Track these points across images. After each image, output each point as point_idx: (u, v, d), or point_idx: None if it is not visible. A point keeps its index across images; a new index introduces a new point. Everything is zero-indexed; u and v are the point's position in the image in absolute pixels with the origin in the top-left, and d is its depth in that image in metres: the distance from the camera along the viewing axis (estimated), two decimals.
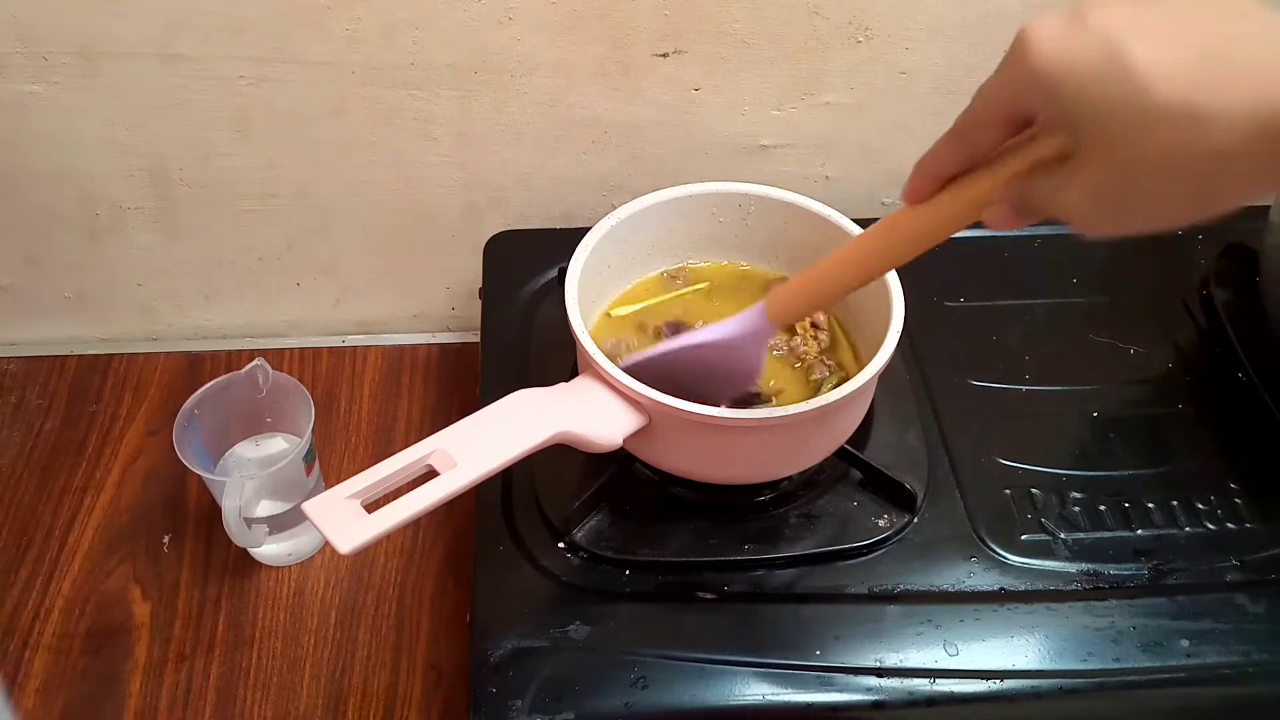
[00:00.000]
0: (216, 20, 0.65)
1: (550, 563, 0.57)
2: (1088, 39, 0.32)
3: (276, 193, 0.75)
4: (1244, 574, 0.57)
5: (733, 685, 0.52)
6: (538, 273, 0.72)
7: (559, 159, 0.76)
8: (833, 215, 0.61)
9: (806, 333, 0.63)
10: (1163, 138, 0.31)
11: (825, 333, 0.63)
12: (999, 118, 0.36)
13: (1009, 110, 0.36)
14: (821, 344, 0.63)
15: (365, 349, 0.82)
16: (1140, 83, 0.30)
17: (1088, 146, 0.33)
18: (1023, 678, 0.53)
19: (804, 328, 0.63)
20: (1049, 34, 0.33)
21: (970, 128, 0.37)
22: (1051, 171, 0.35)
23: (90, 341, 0.83)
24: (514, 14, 0.67)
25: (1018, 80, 0.34)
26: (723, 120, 0.75)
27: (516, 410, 0.52)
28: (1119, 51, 0.31)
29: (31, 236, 0.77)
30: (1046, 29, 0.33)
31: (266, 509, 0.65)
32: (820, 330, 0.63)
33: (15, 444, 0.75)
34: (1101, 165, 0.33)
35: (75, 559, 0.68)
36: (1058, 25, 0.32)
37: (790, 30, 0.70)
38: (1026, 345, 0.69)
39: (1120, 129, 0.31)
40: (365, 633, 0.65)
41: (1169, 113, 0.30)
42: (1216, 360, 0.69)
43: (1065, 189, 0.35)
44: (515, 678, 0.52)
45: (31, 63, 0.67)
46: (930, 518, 0.59)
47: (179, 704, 0.61)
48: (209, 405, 0.64)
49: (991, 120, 0.36)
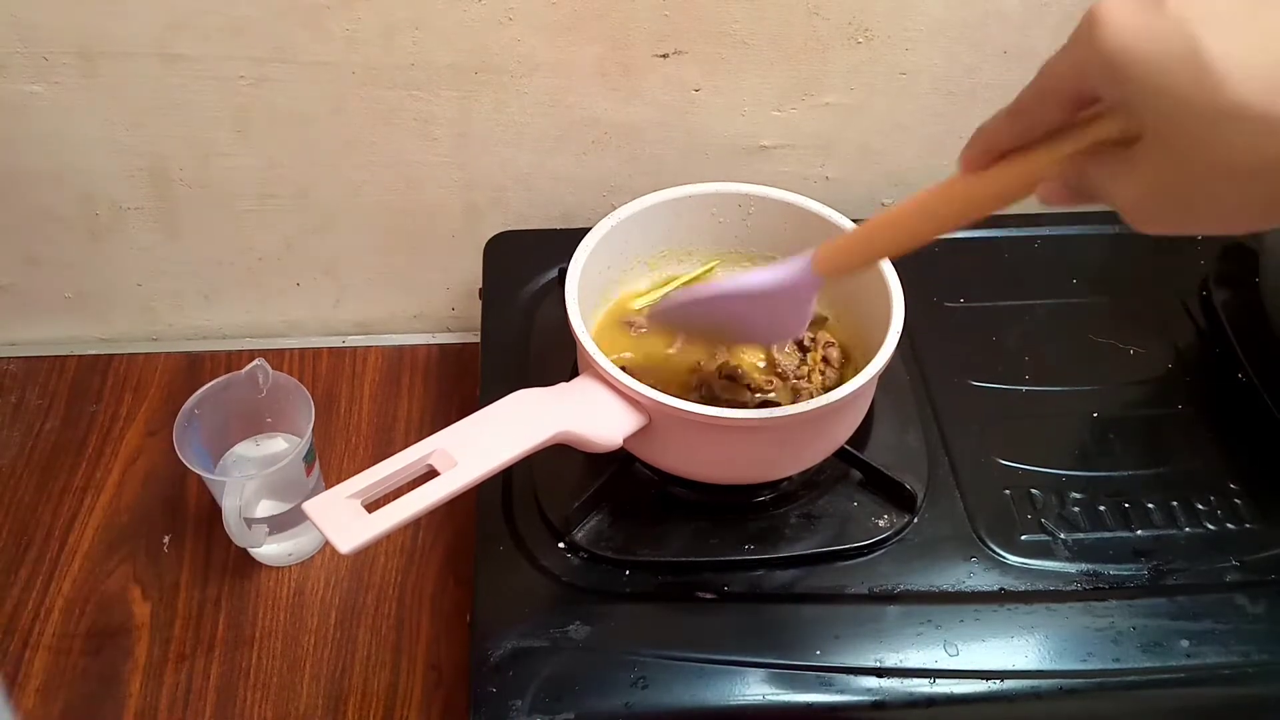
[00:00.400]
0: (216, 20, 0.65)
1: (550, 563, 0.57)
2: (1163, 25, 0.30)
3: (276, 193, 0.75)
4: (1244, 574, 0.57)
5: (733, 685, 0.52)
6: (538, 273, 0.72)
7: (559, 159, 0.76)
8: (833, 215, 0.61)
9: (816, 366, 0.62)
10: (1234, 140, 0.29)
11: (835, 371, 0.62)
12: (1062, 96, 0.34)
13: (1073, 90, 0.34)
14: (827, 381, 0.61)
15: (365, 349, 0.82)
16: (1216, 80, 0.29)
17: (1152, 138, 0.32)
18: (1023, 678, 0.53)
19: (815, 359, 0.62)
20: (1122, 15, 0.31)
21: (1031, 104, 0.36)
22: (1112, 156, 0.34)
23: (90, 341, 0.83)
24: (514, 14, 0.67)
25: (1085, 61, 0.32)
26: (723, 120, 0.75)
27: (516, 410, 0.52)
28: (1196, 43, 0.29)
29: (31, 236, 0.77)
30: (1120, 9, 0.31)
31: (266, 509, 0.66)
32: (830, 368, 0.62)
33: (15, 444, 0.75)
34: (1165, 160, 0.32)
35: (75, 559, 0.68)
36: (1133, 6, 0.31)
37: (790, 31, 0.70)
38: (1026, 345, 0.69)
39: (1189, 125, 0.30)
40: (365, 633, 0.65)
41: (1243, 114, 0.29)
42: (1216, 360, 0.69)
43: (1123, 179, 0.33)
44: (515, 678, 0.52)
45: (31, 63, 0.67)
46: (930, 518, 0.59)
47: (179, 704, 0.61)
48: (209, 405, 0.64)
49: (1054, 98, 0.35)
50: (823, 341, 0.63)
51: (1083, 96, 0.34)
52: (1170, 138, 0.31)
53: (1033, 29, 0.71)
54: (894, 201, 0.81)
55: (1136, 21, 0.31)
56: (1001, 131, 0.37)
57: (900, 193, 0.80)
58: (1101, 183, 0.34)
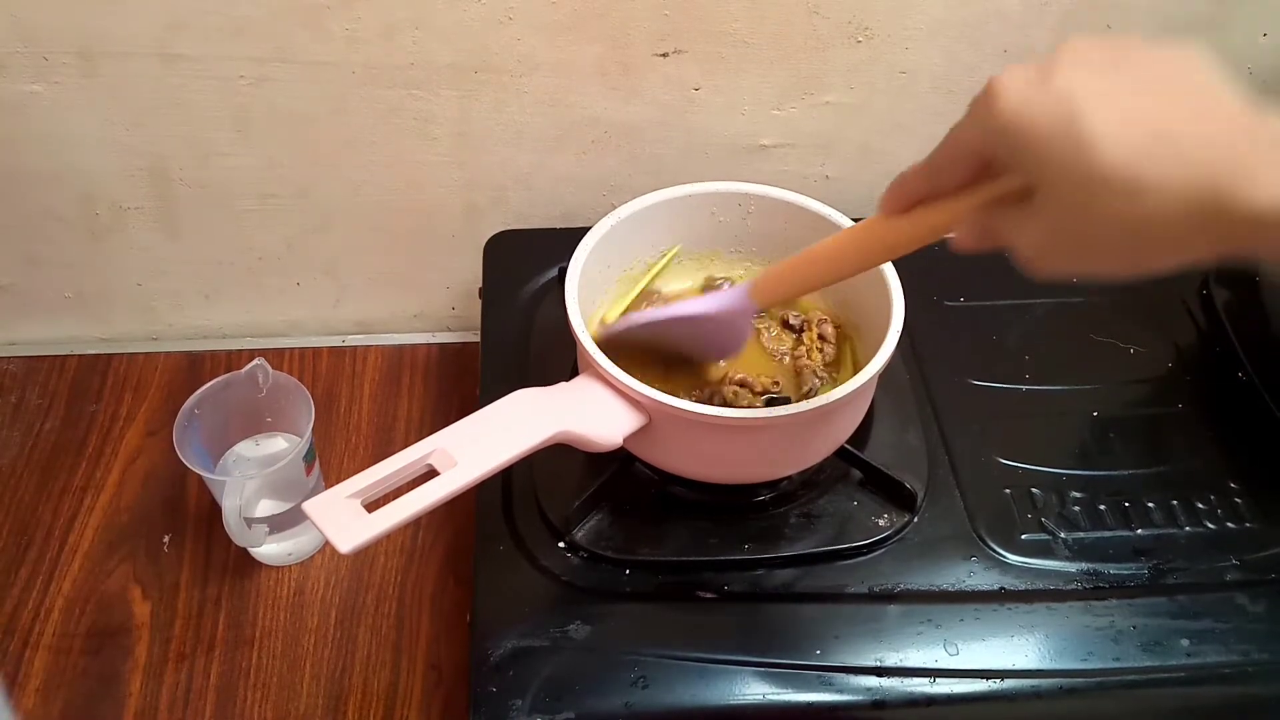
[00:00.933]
0: (216, 20, 0.65)
1: (550, 563, 0.57)
2: (1050, 99, 0.33)
3: (276, 193, 0.75)
4: (1244, 574, 0.57)
5: (733, 685, 0.52)
6: (538, 273, 0.72)
7: (559, 159, 0.76)
8: (833, 215, 0.61)
9: (813, 344, 0.63)
10: (1107, 201, 0.33)
11: (832, 346, 0.63)
12: (967, 158, 0.38)
13: (976, 153, 0.38)
14: (826, 357, 0.62)
15: (365, 349, 0.82)
16: (1091, 150, 0.32)
17: (1044, 196, 0.35)
18: (1023, 677, 0.53)
19: (811, 339, 0.63)
20: (1015, 88, 0.34)
21: (942, 163, 0.39)
22: (1015, 208, 0.37)
23: (90, 341, 0.83)
24: (514, 14, 0.67)
25: (983, 128, 0.36)
26: (723, 120, 0.75)
27: (516, 410, 0.52)
28: (1076, 117, 0.33)
29: (31, 236, 0.77)
30: (1014, 83, 0.34)
31: (266, 509, 0.66)
32: (827, 343, 0.63)
33: (15, 444, 0.75)
34: (1056, 215, 0.35)
35: (75, 559, 0.68)
36: (1024, 81, 0.34)
37: (790, 30, 0.70)
38: (1026, 345, 0.69)
39: (1072, 188, 0.33)
40: (365, 633, 0.65)
41: (1113, 181, 0.32)
42: (1216, 360, 0.69)
43: (1021, 230, 0.37)
44: (515, 677, 0.52)
45: (31, 63, 0.67)
46: (930, 517, 0.59)
47: (179, 704, 0.61)
48: (209, 405, 0.64)
49: (960, 159, 0.38)
50: (816, 319, 0.63)
51: (984, 159, 0.38)
52: (1057, 197, 0.34)
53: (1033, 28, 0.71)
54: None
55: (1028, 95, 0.34)
56: (917, 183, 0.41)
57: None
58: (1005, 230, 0.38)
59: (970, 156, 0.38)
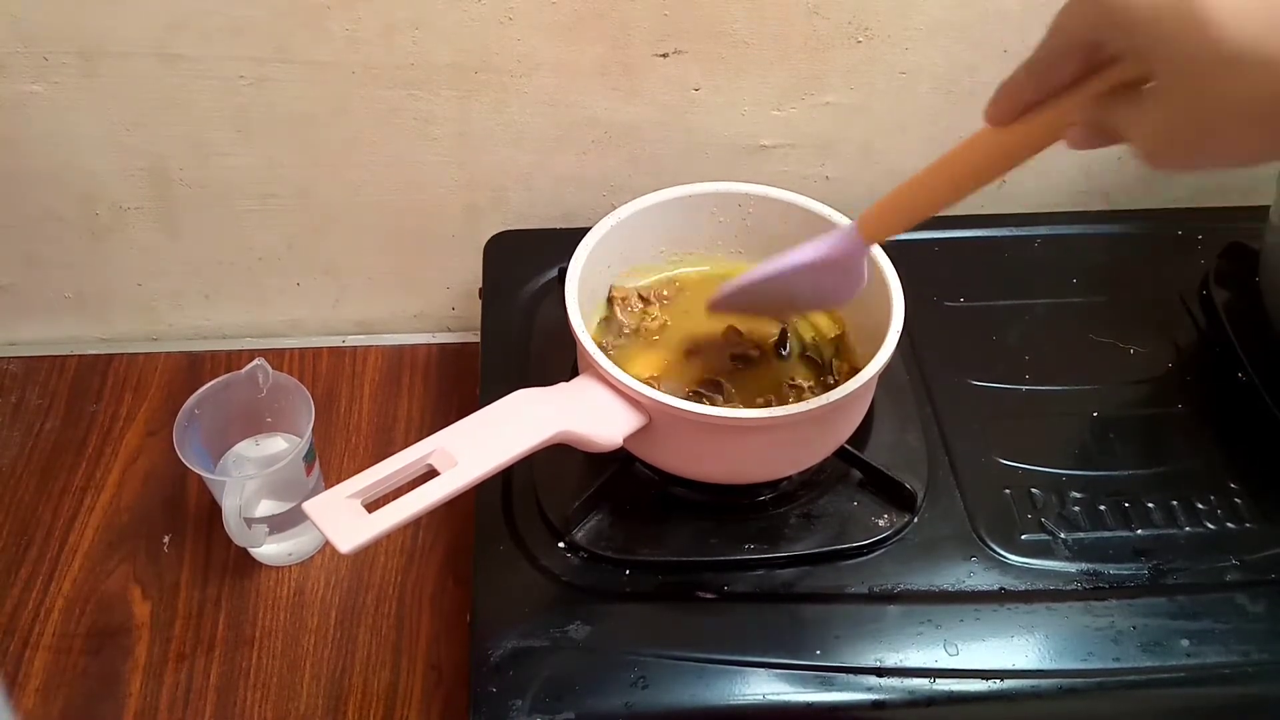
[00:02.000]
0: (216, 20, 0.65)
1: (550, 563, 0.57)
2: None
3: (276, 193, 0.75)
4: (1244, 574, 0.57)
5: (733, 685, 0.52)
6: (538, 273, 0.72)
7: (559, 159, 0.76)
8: (833, 215, 0.61)
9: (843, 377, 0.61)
10: (1235, 82, 0.31)
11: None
12: (1073, 50, 0.36)
13: (1082, 43, 0.35)
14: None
15: (365, 349, 0.82)
16: (1211, 27, 0.30)
17: (1160, 81, 0.33)
18: (1023, 678, 0.53)
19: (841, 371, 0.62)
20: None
21: (1047, 59, 0.37)
22: (1130, 97, 0.35)
23: (90, 341, 0.83)
24: (514, 14, 0.67)
25: (1089, 14, 0.34)
26: (723, 120, 0.75)
27: (516, 410, 0.52)
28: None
29: (31, 236, 0.77)
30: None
31: (266, 509, 0.66)
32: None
33: (15, 444, 0.75)
34: (1175, 102, 0.33)
35: (75, 559, 0.68)
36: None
37: (790, 30, 0.70)
38: (1026, 345, 0.69)
39: (1192, 70, 0.31)
40: (365, 633, 0.65)
41: (1241, 58, 0.30)
42: (1216, 360, 0.69)
43: (1137, 120, 0.35)
44: (515, 678, 0.52)
45: (31, 63, 0.67)
46: (930, 518, 0.59)
47: (179, 704, 0.61)
48: (209, 405, 0.64)
49: (1066, 53, 0.36)
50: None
51: (1094, 49, 0.35)
52: (1175, 81, 0.32)
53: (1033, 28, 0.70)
54: None
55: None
56: (1023, 87, 0.39)
57: None
58: (1123, 122, 0.36)
59: (1077, 48, 0.36)
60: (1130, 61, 0.35)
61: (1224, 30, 0.30)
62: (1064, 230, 0.77)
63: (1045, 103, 0.39)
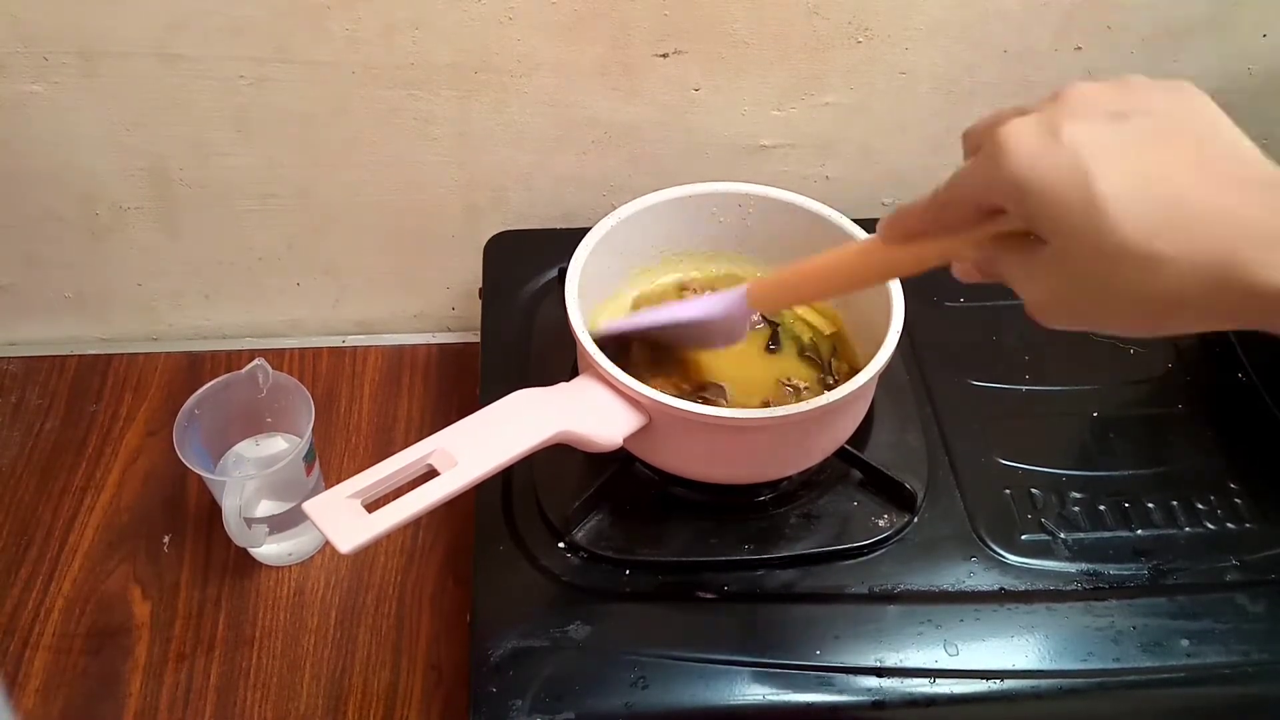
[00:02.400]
0: (216, 20, 0.65)
1: (550, 563, 0.57)
2: (1060, 156, 0.32)
3: (276, 193, 0.75)
4: (1244, 574, 0.57)
5: (733, 685, 0.52)
6: (538, 273, 0.72)
7: (559, 159, 0.76)
8: (833, 215, 0.61)
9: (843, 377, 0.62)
10: (1122, 272, 0.31)
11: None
12: (970, 205, 0.37)
13: (982, 201, 0.36)
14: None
15: (365, 349, 0.82)
16: (1103, 218, 0.31)
17: (1052, 254, 0.34)
18: (1023, 678, 0.53)
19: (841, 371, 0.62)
20: (1024, 142, 0.33)
21: (944, 201, 0.38)
22: (1021, 249, 0.36)
23: (90, 341, 0.83)
24: (514, 14, 0.67)
25: (991, 179, 0.34)
26: (723, 120, 0.75)
27: (516, 410, 0.52)
28: (1087, 179, 0.31)
29: (31, 236, 0.77)
30: (1023, 136, 0.33)
31: (266, 509, 0.66)
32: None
33: (15, 444, 0.75)
34: (1064, 273, 0.34)
35: (75, 559, 0.68)
36: (1033, 135, 0.33)
37: (790, 30, 0.70)
38: (1026, 345, 0.69)
39: (1082, 253, 0.32)
40: (365, 633, 0.65)
41: (1127, 252, 0.31)
42: (1216, 360, 0.69)
43: (1028, 280, 0.36)
44: (515, 678, 0.52)
45: (31, 63, 0.67)
46: (930, 518, 0.59)
47: (179, 704, 0.61)
48: (209, 405, 0.64)
49: (963, 205, 0.37)
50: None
51: (990, 208, 0.36)
52: (1069, 258, 0.33)
53: (1033, 29, 0.71)
54: (894, 201, 0.81)
55: (1037, 151, 0.33)
56: (918, 218, 0.40)
57: (900, 192, 0.80)
58: (1010, 272, 0.37)
59: (973, 204, 0.37)
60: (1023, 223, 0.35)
61: (1117, 222, 0.31)
62: None
63: (938, 234, 0.40)
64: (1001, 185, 0.34)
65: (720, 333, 0.56)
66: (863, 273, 0.46)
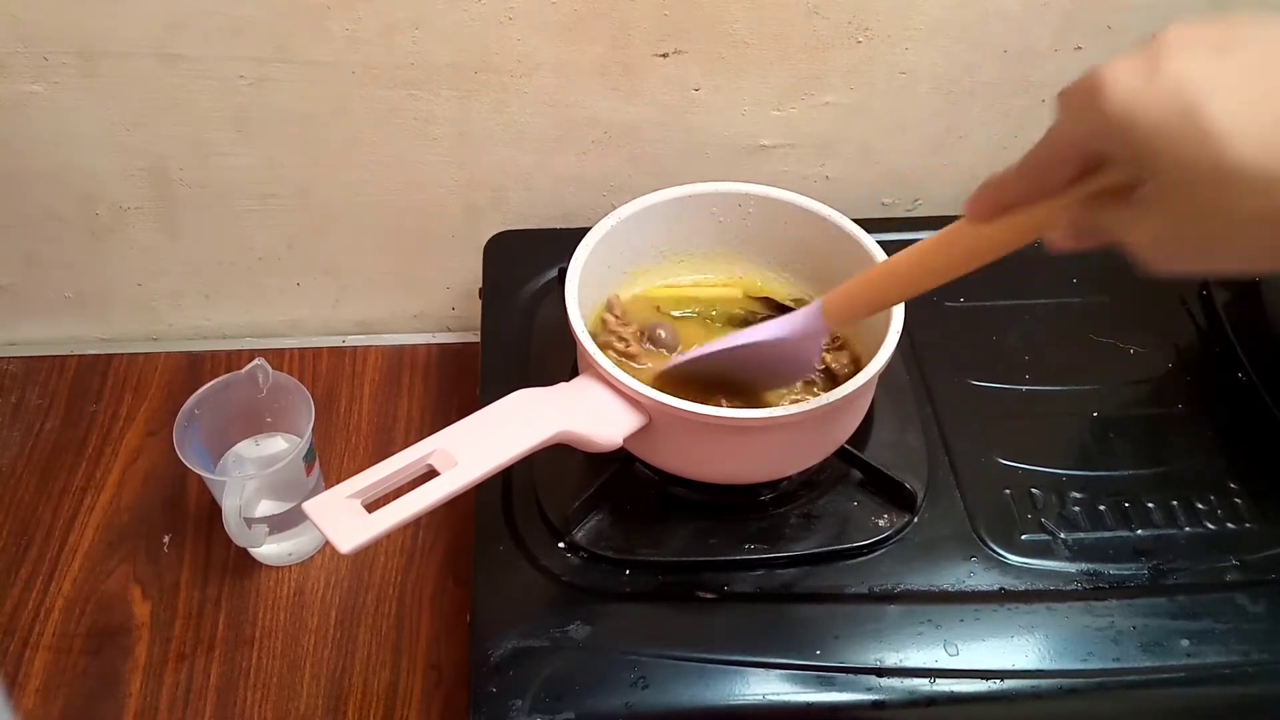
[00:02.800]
0: (216, 20, 0.65)
1: (550, 563, 0.57)
2: (1164, 89, 0.31)
3: (276, 193, 0.75)
4: (1244, 574, 0.57)
5: (733, 685, 0.52)
6: (538, 273, 0.72)
7: (559, 159, 0.76)
8: (833, 215, 0.61)
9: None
10: (1238, 197, 0.30)
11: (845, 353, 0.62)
12: (1070, 159, 0.36)
13: (1081, 152, 0.35)
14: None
15: (365, 349, 0.82)
16: (1217, 144, 0.30)
17: (1162, 190, 0.33)
18: (1023, 678, 0.53)
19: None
20: (1124, 80, 0.32)
21: (1041, 164, 0.37)
22: (1121, 201, 0.35)
23: (90, 341, 0.83)
24: (514, 14, 0.67)
25: (1090, 124, 0.33)
26: (723, 120, 0.75)
27: (516, 410, 0.52)
28: (1195, 108, 0.30)
29: (31, 236, 0.77)
30: (1121, 74, 0.32)
31: (266, 509, 0.66)
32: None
33: (15, 444, 0.75)
34: (1177, 211, 0.33)
35: (75, 559, 0.68)
36: (1133, 71, 0.32)
37: (790, 30, 0.70)
38: (1026, 345, 0.69)
39: (1196, 184, 0.31)
40: (365, 633, 0.65)
41: (1246, 175, 0.30)
42: (1216, 360, 0.69)
43: (1135, 225, 0.34)
44: (515, 678, 0.52)
45: (31, 63, 0.67)
46: (930, 518, 0.59)
47: (179, 704, 0.62)
48: (209, 405, 0.64)
49: (1062, 161, 0.36)
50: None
51: (1092, 158, 0.35)
52: (1178, 192, 0.32)
53: (1033, 28, 0.71)
54: (893, 201, 0.81)
55: (1138, 86, 0.31)
56: (1010, 188, 0.38)
57: (901, 192, 0.80)
58: (1115, 226, 0.35)
59: (1075, 156, 0.35)
60: (1126, 170, 0.34)
61: (1230, 145, 0.30)
62: None
63: (1034, 202, 0.38)
64: (1105, 127, 0.32)
65: (791, 359, 0.55)
66: (949, 263, 0.44)
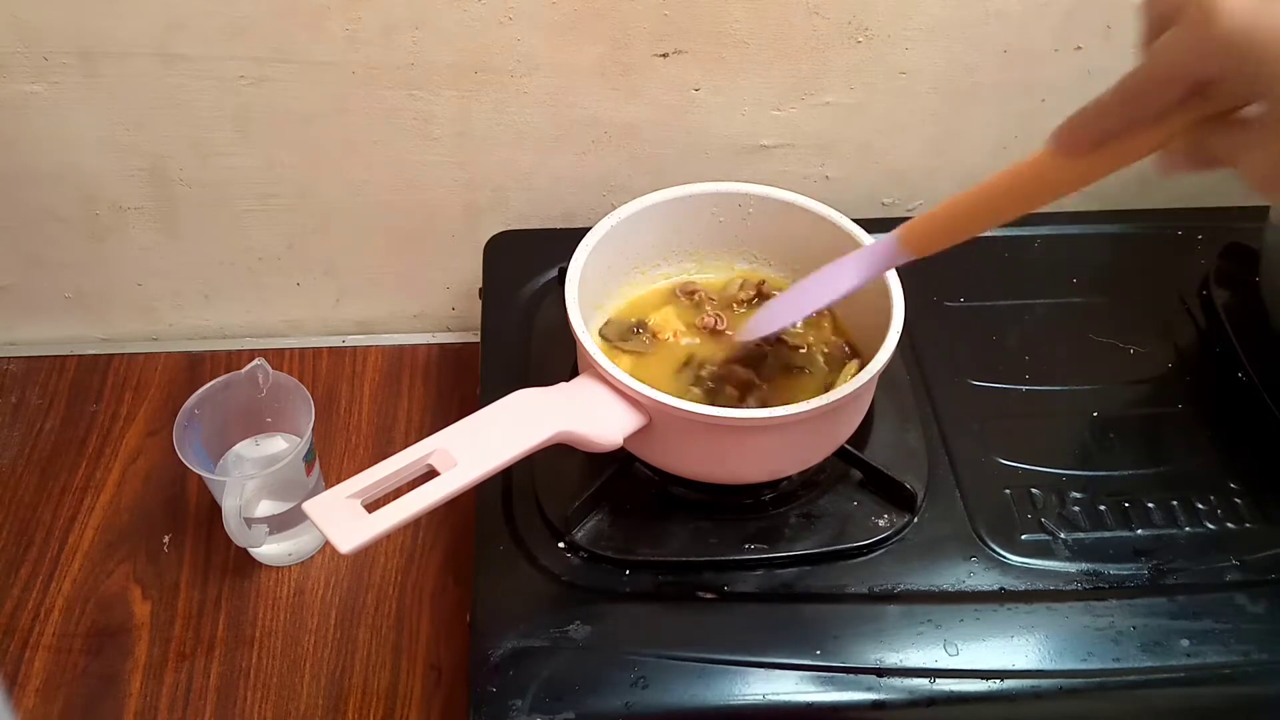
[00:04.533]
0: (216, 20, 0.66)
1: (550, 563, 0.57)
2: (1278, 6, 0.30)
3: (276, 193, 0.75)
4: (1244, 574, 0.57)
5: (733, 685, 0.52)
6: (538, 273, 0.72)
7: (559, 159, 0.76)
8: (833, 215, 0.61)
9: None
10: None
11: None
12: (1178, 82, 0.34)
13: (1192, 74, 0.34)
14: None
15: (365, 349, 0.82)
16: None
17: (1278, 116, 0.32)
18: (1023, 678, 0.53)
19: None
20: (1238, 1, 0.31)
21: (1144, 90, 0.35)
22: (1233, 124, 0.34)
23: (90, 341, 0.83)
24: (514, 14, 0.67)
25: (1202, 46, 0.32)
26: (723, 120, 0.75)
27: (516, 410, 0.52)
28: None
29: (31, 236, 0.77)
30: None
31: (266, 509, 0.66)
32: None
33: (15, 444, 0.75)
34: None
35: (75, 559, 0.68)
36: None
37: (790, 30, 0.70)
38: (1026, 345, 0.69)
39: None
40: (365, 633, 0.65)
41: None
42: (1216, 360, 0.69)
43: (1251, 149, 0.33)
44: (515, 678, 0.52)
45: (31, 63, 0.67)
46: (930, 518, 0.59)
47: (179, 704, 0.62)
48: (209, 405, 0.64)
49: (1169, 84, 0.34)
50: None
51: (1200, 82, 0.34)
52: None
53: (1033, 28, 0.71)
54: (893, 201, 0.82)
55: (1253, 6, 0.31)
56: (1111, 115, 0.37)
57: (901, 192, 0.80)
58: (1228, 151, 0.34)
59: (1183, 79, 0.34)
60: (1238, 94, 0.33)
61: None
62: (1064, 230, 0.77)
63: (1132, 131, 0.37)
64: (1216, 50, 0.32)
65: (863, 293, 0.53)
66: (1035, 194, 0.42)
